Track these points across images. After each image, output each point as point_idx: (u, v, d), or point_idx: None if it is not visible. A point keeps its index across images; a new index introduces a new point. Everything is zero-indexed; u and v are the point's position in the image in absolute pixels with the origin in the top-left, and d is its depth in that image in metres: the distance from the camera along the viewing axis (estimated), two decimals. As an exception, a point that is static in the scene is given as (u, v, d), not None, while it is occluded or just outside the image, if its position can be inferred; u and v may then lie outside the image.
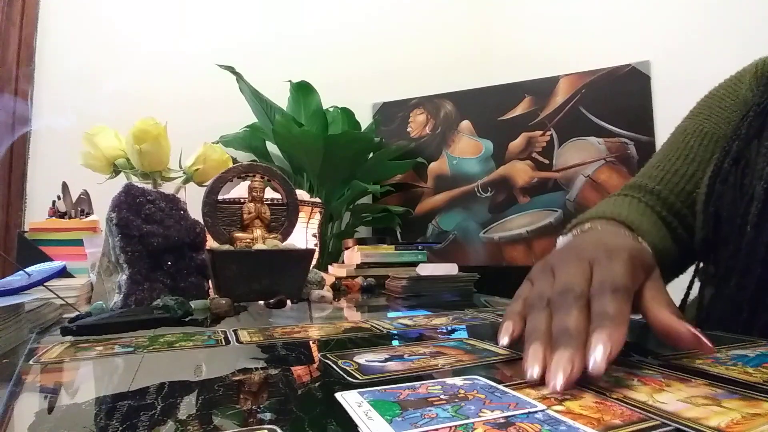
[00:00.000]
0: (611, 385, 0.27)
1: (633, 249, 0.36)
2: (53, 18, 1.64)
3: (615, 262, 0.33)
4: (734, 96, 0.60)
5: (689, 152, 0.60)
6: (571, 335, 0.28)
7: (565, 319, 0.29)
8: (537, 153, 1.71)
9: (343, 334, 0.45)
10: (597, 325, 0.28)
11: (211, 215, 0.70)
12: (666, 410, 0.23)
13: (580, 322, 0.29)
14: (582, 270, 0.33)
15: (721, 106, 0.61)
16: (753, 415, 0.22)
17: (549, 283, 0.34)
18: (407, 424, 0.22)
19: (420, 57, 2.06)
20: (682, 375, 0.29)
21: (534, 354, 0.29)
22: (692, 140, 0.61)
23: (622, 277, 0.31)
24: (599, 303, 0.30)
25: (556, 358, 0.27)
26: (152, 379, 0.31)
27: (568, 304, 0.30)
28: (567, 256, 0.36)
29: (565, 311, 0.30)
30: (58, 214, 0.89)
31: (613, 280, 0.31)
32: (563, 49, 1.86)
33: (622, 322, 0.28)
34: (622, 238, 0.45)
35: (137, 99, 1.62)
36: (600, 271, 0.32)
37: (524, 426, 0.21)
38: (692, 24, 1.60)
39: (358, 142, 1.65)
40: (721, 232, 0.51)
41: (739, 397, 0.25)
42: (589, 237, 0.46)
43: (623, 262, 0.33)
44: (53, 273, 0.55)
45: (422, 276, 0.81)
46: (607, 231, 0.48)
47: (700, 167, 0.59)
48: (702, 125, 0.61)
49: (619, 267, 0.32)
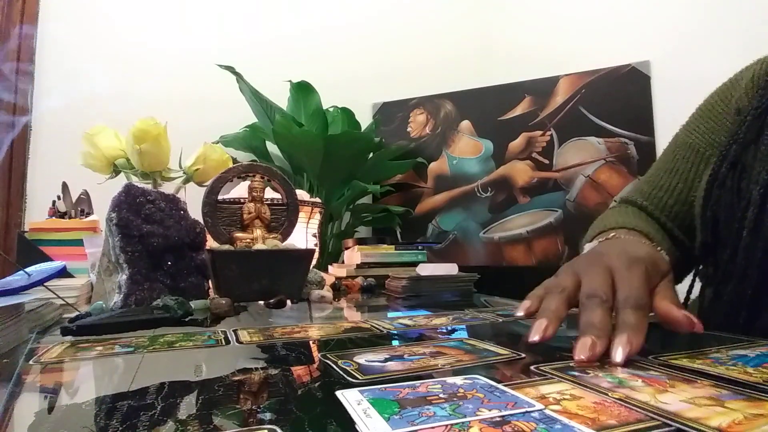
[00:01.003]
0: (614, 385, 0.27)
1: (651, 258, 0.43)
2: (53, 18, 1.64)
3: (634, 275, 0.38)
4: (725, 102, 0.60)
5: (674, 165, 0.63)
6: (598, 327, 0.34)
7: (592, 316, 0.35)
8: (537, 153, 1.71)
9: (343, 334, 0.45)
10: (621, 331, 0.33)
11: (211, 215, 0.70)
12: (667, 410, 0.23)
13: (605, 321, 0.34)
14: (606, 279, 0.38)
15: (710, 116, 0.62)
16: (755, 415, 0.22)
17: (571, 280, 0.40)
18: (405, 422, 0.22)
19: (420, 57, 2.06)
20: (688, 376, 0.29)
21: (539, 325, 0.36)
22: (679, 153, 0.63)
23: (641, 292, 0.37)
24: (624, 315, 0.35)
25: (583, 341, 0.33)
26: (152, 379, 0.31)
27: (594, 305, 0.36)
28: (592, 263, 0.41)
29: (592, 310, 0.35)
30: (58, 214, 0.89)
31: (636, 298, 0.36)
32: (563, 49, 1.86)
33: (641, 331, 0.33)
34: (642, 246, 0.47)
35: (137, 99, 1.62)
36: (622, 283, 0.38)
37: (520, 424, 0.21)
38: (692, 24, 1.60)
39: (358, 142, 1.65)
40: (719, 235, 0.51)
41: (743, 398, 0.25)
42: (614, 245, 0.49)
43: (640, 275, 0.38)
44: (53, 273, 0.55)
45: (422, 276, 0.81)
46: (629, 240, 0.51)
47: (681, 180, 0.61)
48: (689, 137, 0.63)
49: (637, 281, 0.38)
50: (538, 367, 0.31)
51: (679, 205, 0.60)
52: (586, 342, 0.32)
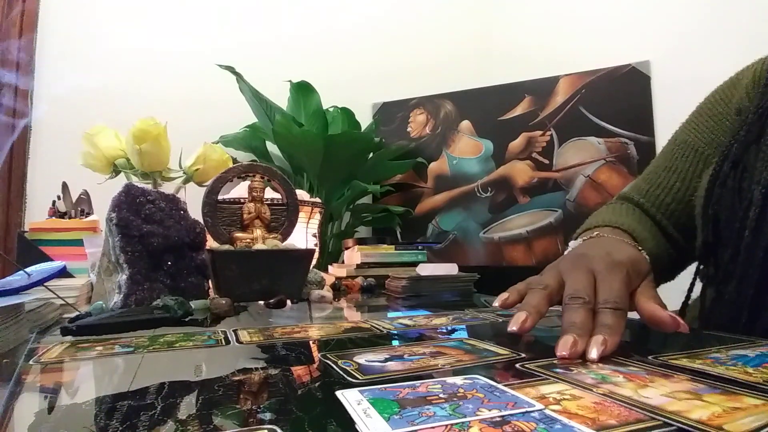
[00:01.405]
0: (598, 381, 0.28)
1: (632, 260, 0.44)
2: (53, 18, 1.64)
3: (614, 278, 0.40)
4: (726, 102, 0.60)
5: (672, 163, 0.63)
6: (579, 327, 0.35)
7: (574, 316, 0.37)
8: (537, 153, 1.71)
9: (343, 334, 0.45)
10: (599, 331, 0.35)
11: (211, 215, 0.70)
12: (651, 405, 0.24)
13: (586, 321, 0.36)
14: (588, 281, 0.40)
15: (710, 114, 0.62)
16: (733, 408, 0.23)
17: (554, 279, 0.42)
18: (405, 422, 0.22)
19: (420, 57, 2.06)
20: (664, 371, 0.30)
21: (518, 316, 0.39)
22: (677, 151, 0.63)
23: (620, 295, 0.38)
24: (603, 315, 0.37)
25: (565, 338, 0.34)
26: (152, 379, 0.31)
27: (577, 306, 0.38)
28: (575, 265, 0.43)
29: (575, 311, 0.37)
30: (58, 214, 0.89)
31: (615, 300, 0.38)
32: (563, 49, 1.86)
33: (617, 332, 0.35)
34: (624, 247, 0.48)
35: (137, 99, 1.62)
36: (602, 286, 0.39)
37: (520, 424, 0.21)
38: (692, 24, 1.60)
39: (358, 142, 1.65)
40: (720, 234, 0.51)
41: (720, 391, 0.26)
42: (597, 245, 0.50)
43: (621, 279, 0.40)
44: (53, 273, 0.55)
45: (422, 276, 0.81)
46: (612, 240, 0.52)
47: (679, 178, 0.61)
48: (688, 136, 0.63)
49: (618, 284, 0.39)
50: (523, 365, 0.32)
51: (675, 204, 0.61)
52: (568, 340, 0.34)
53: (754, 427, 0.21)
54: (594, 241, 0.52)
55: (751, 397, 0.25)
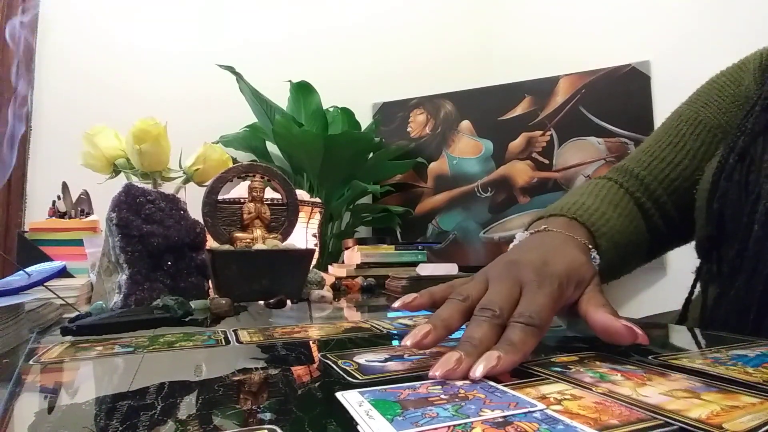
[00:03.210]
0: (596, 380, 0.28)
1: (570, 268, 0.38)
2: (53, 18, 1.64)
3: (542, 292, 0.35)
4: (736, 84, 0.59)
5: (680, 140, 0.59)
6: (473, 345, 0.30)
7: (475, 329, 0.32)
8: (537, 153, 1.71)
9: (343, 334, 0.45)
10: (498, 347, 0.30)
11: (211, 215, 0.70)
12: (649, 403, 0.24)
13: (487, 338, 0.31)
14: (510, 293, 0.35)
15: (720, 95, 0.60)
16: (731, 407, 0.23)
17: (478, 288, 0.37)
18: (408, 423, 0.22)
19: (420, 57, 2.06)
20: (661, 370, 0.30)
21: (420, 329, 0.33)
22: (685, 128, 0.60)
23: (540, 312, 0.33)
24: (510, 330, 0.32)
25: (448, 354, 0.29)
26: (152, 379, 0.31)
27: (482, 320, 0.33)
28: (504, 273, 0.37)
29: (478, 324, 0.32)
30: (58, 214, 0.89)
31: (530, 314, 0.32)
32: (563, 49, 1.86)
33: (519, 351, 0.30)
34: (569, 249, 0.43)
35: (137, 99, 1.62)
36: (524, 299, 0.34)
37: (522, 425, 0.21)
38: (692, 24, 1.60)
39: (358, 142, 1.65)
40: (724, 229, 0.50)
41: (716, 390, 0.26)
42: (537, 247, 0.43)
43: (548, 293, 0.35)
44: (53, 273, 0.55)
45: (422, 276, 0.81)
46: (558, 239, 0.46)
47: (687, 156, 0.58)
48: (698, 113, 0.60)
49: (542, 299, 0.34)
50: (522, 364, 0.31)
51: (680, 181, 0.58)
52: (451, 357, 0.29)
53: (753, 425, 0.21)
54: (537, 240, 0.46)
55: (749, 395, 0.25)
